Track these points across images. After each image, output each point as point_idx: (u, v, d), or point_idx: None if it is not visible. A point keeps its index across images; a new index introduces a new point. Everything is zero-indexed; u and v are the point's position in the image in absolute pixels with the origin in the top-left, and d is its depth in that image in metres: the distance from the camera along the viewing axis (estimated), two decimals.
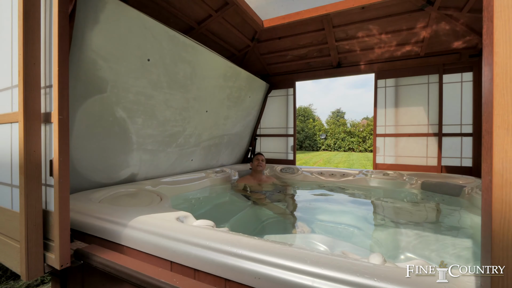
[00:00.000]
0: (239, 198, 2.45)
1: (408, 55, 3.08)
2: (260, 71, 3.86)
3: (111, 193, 1.80)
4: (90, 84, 1.62)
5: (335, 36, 3.03)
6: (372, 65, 3.29)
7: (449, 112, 3.00)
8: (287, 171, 3.52)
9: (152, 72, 1.95)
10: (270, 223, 1.92)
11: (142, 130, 2.09)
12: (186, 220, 1.22)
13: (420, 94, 3.13)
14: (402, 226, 1.84)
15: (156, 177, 2.48)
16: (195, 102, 2.50)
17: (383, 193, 2.76)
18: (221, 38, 3.05)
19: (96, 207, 1.37)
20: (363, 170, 3.14)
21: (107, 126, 1.83)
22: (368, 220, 2.02)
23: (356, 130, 17.69)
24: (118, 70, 1.72)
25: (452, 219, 2.08)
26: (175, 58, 2.09)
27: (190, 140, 2.68)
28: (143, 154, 2.21)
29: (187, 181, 2.64)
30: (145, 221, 1.13)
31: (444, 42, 2.83)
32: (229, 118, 3.19)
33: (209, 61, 2.44)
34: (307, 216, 2.03)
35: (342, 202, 2.43)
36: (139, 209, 1.33)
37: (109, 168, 1.99)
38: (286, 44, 3.30)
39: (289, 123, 3.98)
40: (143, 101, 1.99)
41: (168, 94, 2.17)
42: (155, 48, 1.90)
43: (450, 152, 3.00)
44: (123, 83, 1.78)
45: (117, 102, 1.81)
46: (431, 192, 2.64)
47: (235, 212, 2.09)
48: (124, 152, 2.03)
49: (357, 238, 1.70)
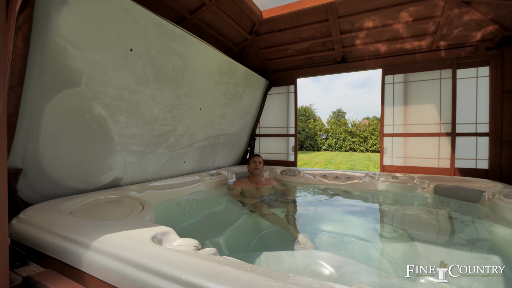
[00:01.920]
0: (235, 205, 2.23)
1: (419, 48, 2.85)
2: (259, 67, 3.63)
3: (88, 201, 1.58)
4: (60, 75, 1.39)
5: (340, 28, 2.81)
6: (379, 59, 3.06)
7: (463, 110, 2.77)
8: (288, 173, 3.30)
9: (136, 64, 1.73)
10: (269, 234, 1.70)
11: (125, 130, 1.87)
12: (165, 238, 1.00)
13: (432, 91, 2.90)
14: (415, 239, 1.62)
15: (144, 181, 2.26)
16: (187, 98, 2.28)
17: (392, 198, 2.53)
18: (217, 31, 2.83)
19: (61, 220, 1.15)
20: (370, 173, 2.91)
21: (83, 125, 1.61)
22: (377, 231, 1.80)
23: (357, 130, 17.45)
24: (95, 60, 1.50)
25: (472, 230, 1.85)
26: (163, 49, 1.87)
27: (182, 140, 2.46)
28: (128, 156, 1.99)
29: (178, 185, 2.42)
30: (112, 242, 0.91)
31: (458, 33, 2.60)
32: (225, 116, 2.97)
33: (202, 54, 2.22)
34: (310, 226, 1.81)
35: (348, 209, 2.21)
36: (111, 223, 1.11)
37: (88, 172, 1.77)
38: (286, 37, 3.07)
39: (290, 122, 3.76)
40: (126, 97, 1.77)
41: (155, 90, 1.95)
42: (139, 36, 1.68)
43: (464, 153, 2.78)
44: (101, 75, 1.56)
45: (94, 98, 1.59)
46: (446, 197, 2.41)
47: (230, 222, 1.87)
48: (105, 154, 1.81)
49: (365, 253, 1.48)
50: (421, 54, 2.86)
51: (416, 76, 2.96)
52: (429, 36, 2.69)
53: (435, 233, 1.82)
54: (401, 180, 2.71)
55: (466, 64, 2.74)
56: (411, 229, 1.77)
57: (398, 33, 2.74)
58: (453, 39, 2.67)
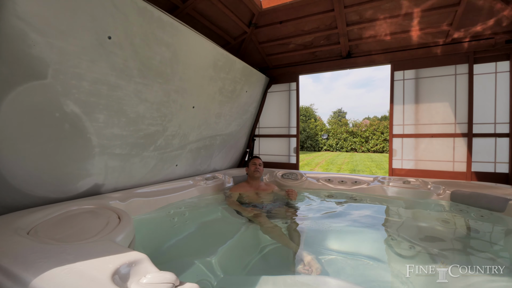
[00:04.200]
0: (232, 214, 2.00)
1: (432, 41, 2.62)
2: (259, 63, 3.40)
3: (57, 213, 1.35)
4: (20, 65, 1.17)
5: (347, 19, 2.58)
6: (388, 54, 2.83)
7: (481, 109, 2.54)
8: (290, 177, 3.07)
9: (115, 55, 1.50)
10: (270, 252, 1.47)
11: (105, 130, 1.64)
12: (133, 271, 0.77)
13: (446, 88, 2.67)
14: (435, 257, 1.39)
15: (130, 187, 2.03)
16: (178, 95, 2.05)
17: (404, 206, 2.30)
18: (213, 22, 2.60)
19: (7, 242, 0.92)
20: (379, 177, 2.68)
21: (52, 125, 1.38)
22: (393, 248, 1.55)
23: (358, 130, 17.22)
24: (63, 48, 1.27)
25: (501, 245, 1.62)
26: (148, 38, 1.64)
27: (173, 141, 2.23)
28: (110, 160, 1.76)
29: (169, 191, 2.19)
30: (57, 281, 0.69)
31: (476, 24, 2.37)
32: (222, 115, 2.74)
33: (194, 46, 1.99)
34: (315, 243, 1.57)
35: (357, 219, 1.97)
36: (70, 248, 0.88)
37: (60, 178, 1.54)
38: (288, 30, 2.84)
39: (291, 122, 3.53)
40: (105, 92, 1.54)
41: (140, 85, 1.72)
42: (119, 22, 1.45)
43: (482, 155, 2.54)
44: (72, 66, 1.33)
45: (65, 93, 1.36)
46: (464, 205, 2.18)
47: (226, 235, 1.64)
48: (80, 157, 1.59)
49: (382, 278, 1.25)
50: (434, 47, 2.63)
51: (428, 71, 2.73)
52: (444, 27, 2.45)
53: (457, 248, 1.59)
54: (413, 185, 2.48)
55: (484, 58, 2.51)
56: (431, 246, 1.53)
57: (409, 25, 2.51)
58: (470, 31, 2.44)
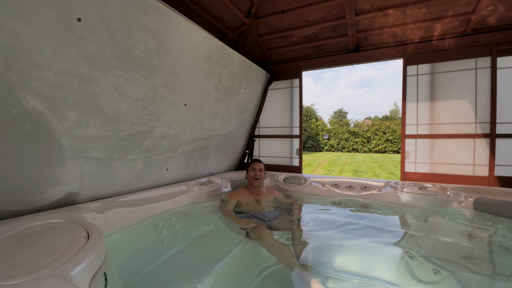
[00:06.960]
0: (228, 226, 1.76)
1: (450, 32, 2.37)
2: (259, 58, 3.16)
3: (15, 230, 1.12)
4: None
5: (356, 7, 2.33)
6: (400, 47, 2.59)
7: (506, 106, 2.29)
8: (292, 181, 2.83)
9: (88, 41, 1.26)
10: (272, 273, 1.23)
11: (78, 130, 1.40)
12: None
13: (465, 83, 2.42)
14: (463, 282, 1.14)
15: (112, 195, 1.79)
16: (167, 91, 1.81)
17: (421, 216, 2.05)
18: (208, 11, 2.36)
19: None
20: (391, 182, 2.44)
21: (7, 124, 1.14)
22: (411, 270, 1.28)
23: (360, 130, 16.97)
24: (18, 30, 1.03)
25: None
26: (129, 23, 1.40)
27: (162, 143, 1.99)
28: (85, 165, 1.52)
29: (157, 198, 1.95)
30: None
31: (500, 13, 2.12)
32: (218, 114, 2.50)
33: (185, 35, 1.75)
34: (322, 261, 1.33)
35: (369, 232, 1.73)
36: None
37: (22, 188, 1.30)
38: (291, 20, 2.60)
39: (294, 121, 3.29)
40: (76, 86, 1.30)
41: (120, 77, 1.48)
42: (90, 1, 1.21)
43: (506, 158, 2.30)
44: (30, 53, 1.09)
45: (23, 85, 1.12)
46: (491, 215, 1.94)
47: (222, 253, 1.39)
48: (47, 163, 1.35)
49: None
50: (452, 39, 2.38)
51: (445, 66, 2.48)
52: (463, 16, 2.21)
53: (488, 271, 1.34)
54: (430, 192, 2.23)
55: (509, 50, 2.26)
56: (457, 268, 1.28)
57: (425, 14, 2.27)
58: (493, 20, 2.19)
